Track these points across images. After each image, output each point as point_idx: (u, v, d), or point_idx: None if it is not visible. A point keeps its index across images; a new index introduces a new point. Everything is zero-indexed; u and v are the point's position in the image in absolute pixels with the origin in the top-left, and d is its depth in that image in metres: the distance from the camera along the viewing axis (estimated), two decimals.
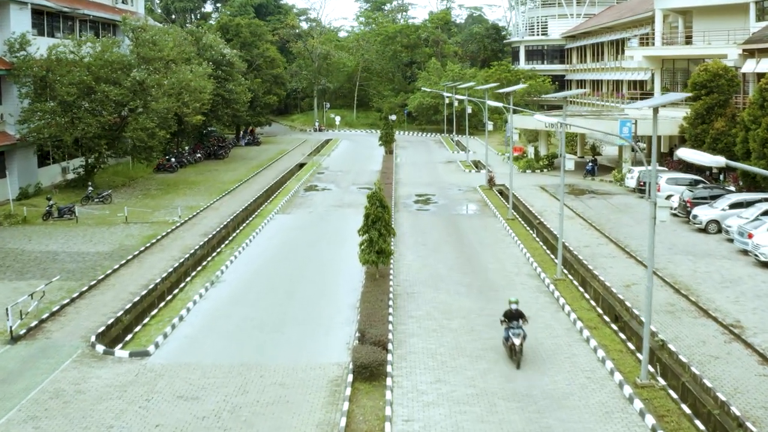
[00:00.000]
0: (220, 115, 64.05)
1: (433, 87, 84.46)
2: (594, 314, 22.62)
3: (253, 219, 38.28)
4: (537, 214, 37.79)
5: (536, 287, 25.49)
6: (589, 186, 47.68)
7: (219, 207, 41.46)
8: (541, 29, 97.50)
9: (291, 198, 44.62)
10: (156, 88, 45.38)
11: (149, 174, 54.68)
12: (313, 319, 22.37)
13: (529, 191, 45.53)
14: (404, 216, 38.51)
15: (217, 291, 25.48)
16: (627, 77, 70.14)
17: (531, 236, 33.46)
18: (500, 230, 34.83)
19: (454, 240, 32.67)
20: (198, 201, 43.26)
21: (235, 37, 77.26)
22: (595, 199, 42.80)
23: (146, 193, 46.20)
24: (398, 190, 46.88)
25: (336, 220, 37.89)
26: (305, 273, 27.50)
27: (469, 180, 51.39)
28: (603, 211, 39.15)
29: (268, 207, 41.65)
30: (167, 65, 48.26)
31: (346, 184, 50.02)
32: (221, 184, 49.68)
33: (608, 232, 34.01)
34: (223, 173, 55.40)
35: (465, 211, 40.12)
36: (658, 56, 57.31)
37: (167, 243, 32.70)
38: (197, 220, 37.79)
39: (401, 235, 33.67)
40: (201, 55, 61.86)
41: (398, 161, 62.05)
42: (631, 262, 28.85)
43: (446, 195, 45.26)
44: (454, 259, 29.23)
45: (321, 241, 32.76)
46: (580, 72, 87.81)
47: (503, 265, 28.47)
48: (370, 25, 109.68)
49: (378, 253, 23.28)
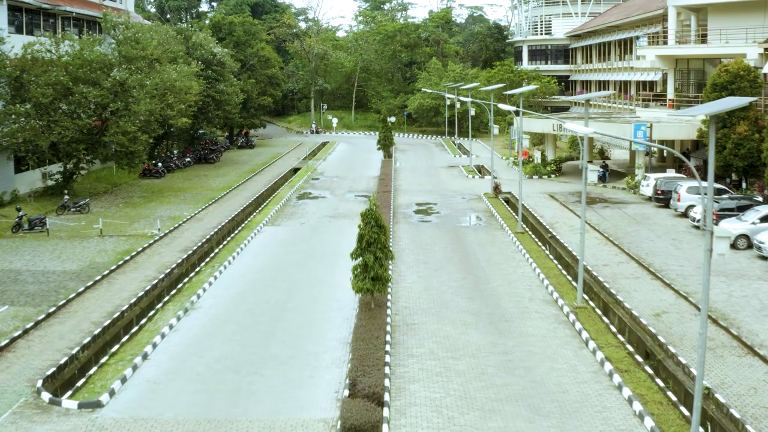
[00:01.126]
0: (211, 117, 61.00)
1: (434, 88, 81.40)
2: (623, 352, 19.56)
3: (240, 231, 35.24)
4: (548, 227, 34.75)
5: (554, 317, 22.44)
6: (602, 194, 44.65)
7: (204, 217, 38.41)
8: (544, 28, 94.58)
9: (282, 207, 41.56)
10: (138, 89, 42.34)
11: (134, 180, 51.67)
12: (299, 358, 19.31)
13: (538, 200, 42.50)
14: (404, 228, 35.46)
15: (191, 320, 22.42)
16: (635, 78, 67.16)
17: (543, 253, 30.40)
18: (509, 245, 31.77)
19: (459, 257, 29.61)
20: (182, 210, 40.23)
21: (228, 36, 74.21)
22: (609, 209, 39.77)
23: (128, 201, 43.14)
24: (397, 198, 43.82)
25: (330, 233, 34.84)
26: (292, 299, 24.43)
27: (472, 187, 48.34)
28: (619, 222, 36.11)
29: (256, 217, 38.59)
30: (151, 65, 45.24)
31: (342, 192, 46.96)
32: (209, 192, 46.64)
33: (627, 247, 30.97)
34: (213, 179, 52.37)
35: (470, 223, 37.04)
36: (671, 56, 54.24)
37: (142, 260, 29.65)
38: (178, 232, 34.75)
39: (400, 251, 30.63)
40: (190, 55, 58.91)
41: (397, 166, 59.03)
42: (657, 284, 25.80)
43: (449, 204, 42.21)
44: (459, 281, 26.17)
45: (312, 259, 29.69)
46: (585, 72, 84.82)
47: (515, 287, 25.42)
48: (369, 24, 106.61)
49: (374, 279, 20.25)
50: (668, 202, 39.30)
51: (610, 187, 46.89)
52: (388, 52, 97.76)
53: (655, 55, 54.71)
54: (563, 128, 47.80)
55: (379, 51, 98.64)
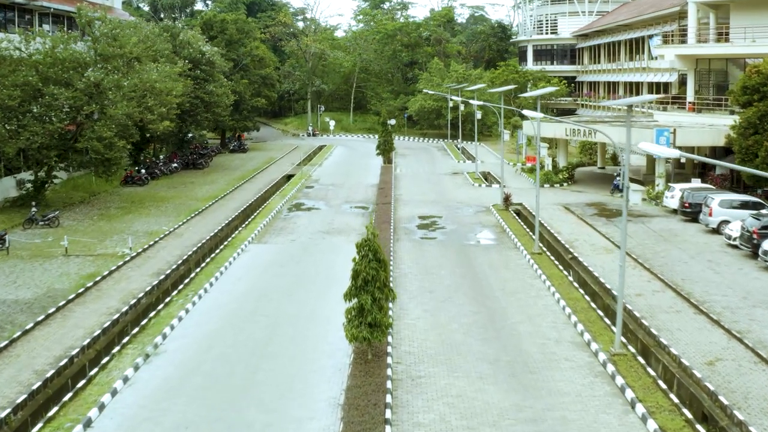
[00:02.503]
0: (200, 120, 57.24)
1: (436, 89, 77.69)
2: (679, 419, 15.82)
3: (222, 250, 31.48)
4: (568, 246, 31.01)
5: (588, 366, 18.69)
6: (620, 206, 40.75)
7: (184, 233, 34.69)
8: (550, 28, 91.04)
9: (271, 221, 37.81)
10: (114, 91, 38.64)
11: (115, 188, 47.94)
12: (278, 426, 15.57)
13: (552, 212, 38.79)
14: (406, 247, 31.69)
15: (151, 370, 18.67)
16: (648, 79, 63.59)
17: (566, 279, 26.64)
18: (526, 269, 28.01)
19: (470, 284, 25.86)
20: (161, 224, 36.53)
21: (220, 34, 70.48)
22: (631, 223, 36.01)
23: (104, 213, 39.40)
24: (398, 210, 40.05)
25: (322, 252, 31.08)
26: (275, 339, 20.67)
27: (479, 197, 44.57)
28: (645, 240, 32.39)
29: (242, 233, 34.83)
30: (129, 64, 41.54)
31: (338, 202, 43.21)
32: (194, 202, 42.91)
33: (660, 271, 27.28)
34: (199, 187, 48.64)
35: (479, 241, 33.26)
36: (691, 55, 50.57)
37: (107, 287, 25.92)
38: (153, 251, 31.01)
39: (402, 275, 26.90)
40: (178, 54, 55.22)
41: (398, 172, 55.30)
42: (703, 320, 22.09)
43: (455, 217, 38.44)
44: (471, 316, 22.43)
45: (301, 286, 25.93)
46: (592, 73, 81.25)
47: (537, 325, 21.68)
48: (369, 23, 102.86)
49: (371, 326, 16.54)
50: (696, 216, 35.62)
51: None
52: (388, 51, 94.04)
53: (674, 55, 51.06)
54: (639, 148, 42.69)
55: (378, 51, 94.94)
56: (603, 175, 52.65)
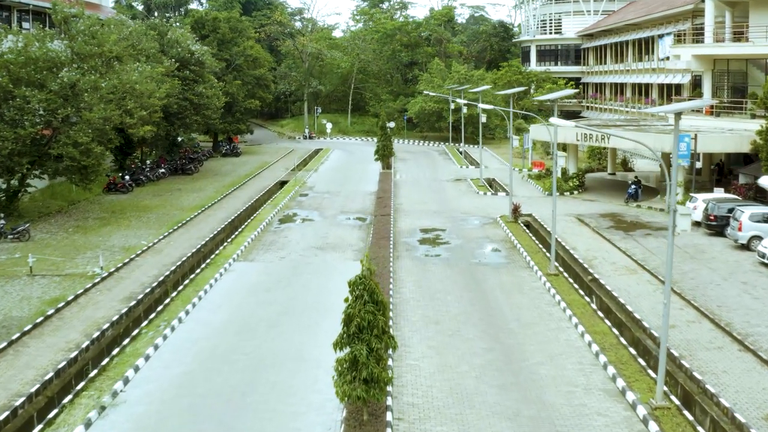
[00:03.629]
0: (189, 123, 54.21)
1: (437, 90, 74.73)
2: None
3: (204, 269, 28.51)
4: (585, 265, 28.05)
5: (626, 423, 15.72)
6: (638, 217, 37.98)
7: (164, 248, 31.72)
8: (554, 27, 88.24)
9: (260, 234, 34.83)
10: (90, 92, 35.67)
11: (97, 195, 44.98)
12: None
13: (565, 225, 35.83)
14: (407, 266, 28.70)
15: (105, 428, 15.70)
16: (658, 80, 60.75)
17: (588, 306, 23.66)
18: (542, 294, 25.03)
19: (480, 313, 22.90)
20: (140, 237, 33.58)
21: (212, 33, 67.53)
22: (652, 237, 33.13)
23: (80, 225, 36.43)
24: (398, 222, 37.05)
25: (314, 272, 28.08)
26: (255, 387, 17.64)
27: (485, 206, 41.57)
28: None
29: (227, 248, 31.84)
30: (109, 63, 38.57)
31: (333, 212, 40.22)
32: (178, 211, 39.95)
33: (691, 296, 24.34)
34: (186, 195, 45.66)
35: (488, 258, 30.24)
36: (709, 55, 47.66)
37: (71, 315, 22.96)
38: (128, 270, 28.04)
39: (404, 301, 23.96)
40: (165, 53, 52.29)
41: (397, 179, 52.34)
42: (750, 359, 19.14)
43: (460, 230, 35.43)
44: (484, 355, 19.45)
45: (288, 315, 22.94)
46: (598, 74, 78.40)
47: (561, 367, 18.71)
48: (367, 23, 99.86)
49: (367, 382, 13.55)
50: (722, 230, 32.73)
51: (645, 208, 40.21)
52: (387, 51, 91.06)
53: (691, 55, 48.13)
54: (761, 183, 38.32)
55: (377, 51, 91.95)
56: (614, 182, 49.77)
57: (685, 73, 55.52)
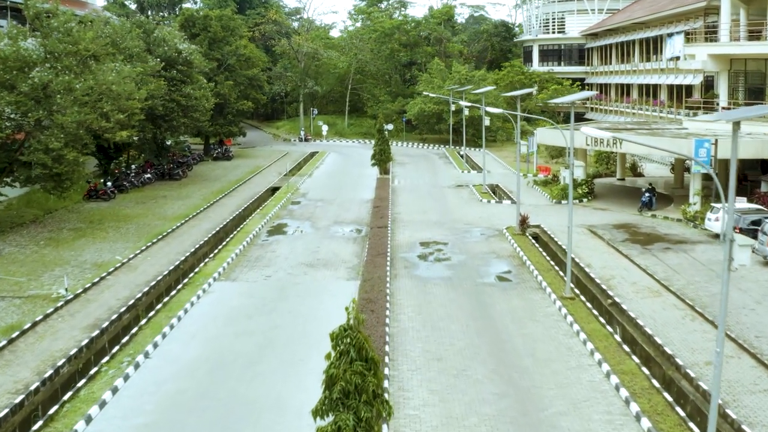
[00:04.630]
0: (176, 126, 51.43)
1: (437, 91, 72.01)
2: None
3: (181, 290, 25.76)
4: (603, 285, 25.32)
5: None
6: (654, 228, 35.27)
7: (140, 264, 28.99)
8: (557, 26, 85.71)
9: (246, 248, 32.08)
10: (63, 94, 32.94)
11: (77, 203, 42.28)
12: None
13: (577, 237, 33.08)
14: (405, 287, 25.94)
15: None
16: (667, 81, 58.20)
17: (610, 337, 20.90)
18: (558, 322, 22.27)
19: (489, 347, 20.15)
20: (116, 251, 30.89)
21: (203, 32, 64.77)
22: (672, 252, 30.43)
23: (53, 237, 33.71)
24: (396, 234, 34.29)
25: (303, 295, 25.30)
26: None
27: (489, 216, 38.82)
28: (695, 276, 26.74)
29: (209, 265, 29.08)
30: (84, 63, 35.82)
31: (326, 223, 37.47)
32: (161, 221, 37.24)
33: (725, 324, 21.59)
34: (171, 202, 42.93)
35: (495, 278, 27.45)
36: (725, 55, 45.02)
37: (25, 346, 20.24)
38: (96, 292, 25.32)
39: (402, 331, 21.24)
40: (152, 52, 49.57)
41: (396, 185, 49.60)
42: None
43: (463, 244, 32.64)
44: (495, 403, 16.68)
45: (271, 349, 20.15)
46: (603, 75, 75.78)
47: (587, 420, 15.95)
48: (365, 22, 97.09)
49: None
50: None
51: (661, 218, 37.51)
52: (386, 51, 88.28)
53: (706, 55, 45.46)
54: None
55: (375, 50, 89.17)
56: (624, 189, 47.09)
57: (696, 73, 52.95)
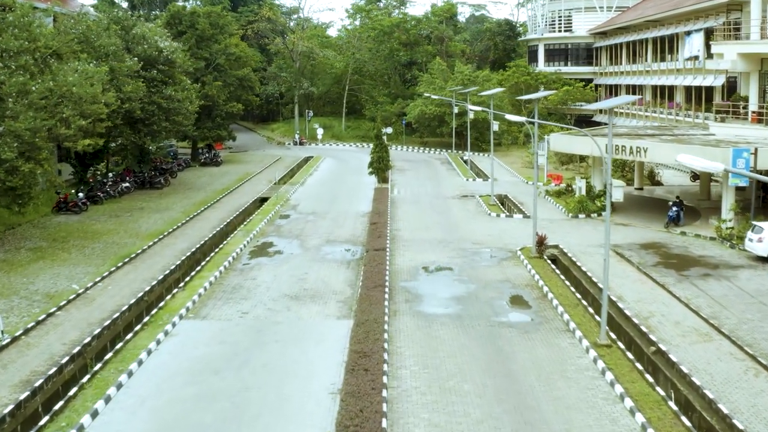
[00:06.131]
0: (157, 130, 47.36)
1: (438, 92, 68.01)
2: None
3: (139, 331, 21.68)
4: (642, 326, 21.25)
5: None
6: (686, 248, 31.22)
7: (98, 295, 24.95)
8: (564, 25, 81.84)
9: (223, 274, 27.98)
10: (17, 98, 28.92)
11: (44, 216, 38.30)
12: None
13: (598, 259, 29.02)
14: (407, 328, 21.82)
15: None
16: (684, 82, 54.28)
17: (663, 404, 16.78)
18: (595, 380, 18.07)
19: (512, 419, 15.93)
20: (75, 277, 26.91)
21: (190, 29, 60.76)
22: (713, 279, 26.40)
23: (8, 259, 29.68)
24: (396, 257, 30.15)
25: (285, 340, 21.12)
26: None
27: (500, 233, 34.72)
28: (745, 312, 22.68)
29: (177, 297, 24.98)
30: (44, 62, 31.81)
31: (317, 242, 33.38)
32: (132, 239, 33.23)
33: None
34: (148, 216, 38.90)
35: (511, 315, 23.30)
36: (756, 54, 41.05)
37: None
38: (40, 333, 21.27)
39: (403, 395, 17.15)
40: (131, 51, 45.55)
41: (395, 195, 45.55)
42: None
43: (473, 269, 28.40)
44: None
45: (237, 427, 15.99)
46: (612, 76, 71.87)
47: None
48: (363, 20, 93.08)
49: None
50: None
51: (692, 236, 33.47)
52: (385, 50, 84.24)
53: (736, 54, 41.48)
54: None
55: (373, 49, 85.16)
56: (644, 200, 43.12)
57: (718, 74, 49.07)
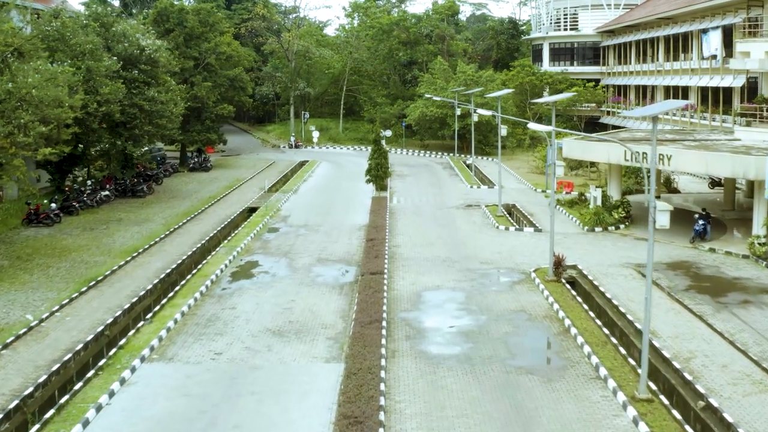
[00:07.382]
0: (139, 134, 44.09)
1: (440, 93, 64.76)
2: None
3: (92, 378, 18.36)
4: (684, 371, 17.99)
5: None
6: (718, 268, 27.94)
7: (53, 329, 21.69)
8: (570, 23, 78.73)
9: (199, 302, 24.66)
10: None
11: (13, 229, 35.16)
12: None
13: (626, 284, 25.82)
14: (407, 375, 18.45)
15: None
16: (699, 83, 51.10)
17: None
18: None
19: None
20: (31, 305, 23.68)
21: (178, 27, 57.52)
22: (754, 308, 23.16)
23: None
24: (395, 280, 26.83)
25: (262, 392, 17.70)
26: None
27: (511, 250, 31.39)
28: None
29: (142, 331, 21.65)
30: (4, 62, 28.55)
31: (308, 260, 30.05)
32: (103, 257, 29.99)
33: None
34: (125, 229, 35.66)
35: (531, 358, 19.92)
36: None
37: None
38: None
39: None
40: (111, 49, 42.38)
41: (395, 204, 42.28)
42: None
43: (483, 296, 25.03)
44: None
45: None
46: (620, 76, 68.63)
47: None
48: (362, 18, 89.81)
49: None
50: None
51: (722, 253, 30.21)
52: (384, 50, 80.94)
53: (764, 52, 38.31)
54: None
55: (372, 49, 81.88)
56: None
57: (737, 74, 45.87)
